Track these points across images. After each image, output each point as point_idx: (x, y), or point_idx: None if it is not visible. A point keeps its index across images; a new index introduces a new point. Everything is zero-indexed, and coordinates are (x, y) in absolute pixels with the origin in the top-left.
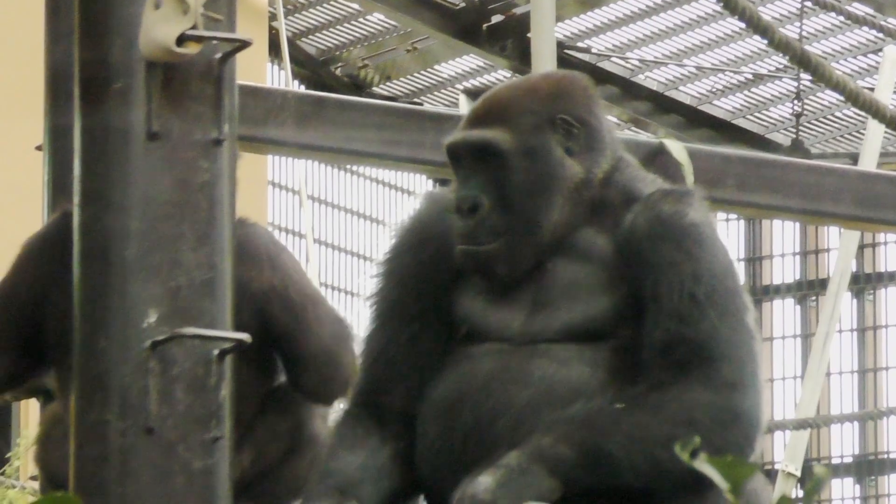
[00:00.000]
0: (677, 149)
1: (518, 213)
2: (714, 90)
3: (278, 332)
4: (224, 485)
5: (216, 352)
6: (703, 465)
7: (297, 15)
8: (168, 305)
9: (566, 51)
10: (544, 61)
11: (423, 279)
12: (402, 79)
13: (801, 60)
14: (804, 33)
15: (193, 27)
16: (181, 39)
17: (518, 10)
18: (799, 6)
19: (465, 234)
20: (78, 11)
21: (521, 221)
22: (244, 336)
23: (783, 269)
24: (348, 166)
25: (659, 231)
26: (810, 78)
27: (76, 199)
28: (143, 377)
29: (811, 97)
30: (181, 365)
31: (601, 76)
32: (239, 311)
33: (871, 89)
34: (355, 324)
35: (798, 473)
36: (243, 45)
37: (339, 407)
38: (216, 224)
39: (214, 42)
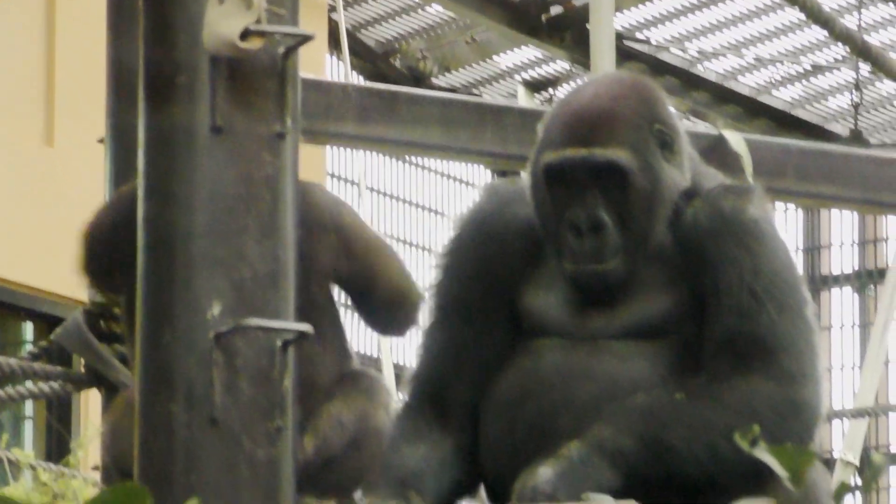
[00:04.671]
0: (736, 140)
1: (636, 230)
2: (773, 81)
3: (349, 288)
4: (288, 475)
5: (279, 343)
6: (764, 454)
7: (355, 7)
8: (232, 297)
9: (625, 42)
10: (603, 53)
11: (486, 274)
12: (460, 70)
13: (862, 51)
14: (862, 24)
15: (257, 21)
16: (245, 34)
17: (577, 2)
18: None
19: (587, 253)
20: (143, 7)
21: (639, 237)
22: (307, 327)
23: (842, 259)
24: (407, 158)
25: (719, 227)
26: (869, 68)
27: (140, 192)
28: (208, 369)
29: (870, 87)
30: (245, 356)
31: (660, 67)
32: (306, 284)
33: None
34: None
35: (857, 462)
36: (305, 39)
37: (400, 399)
38: (279, 217)
39: (278, 37)
